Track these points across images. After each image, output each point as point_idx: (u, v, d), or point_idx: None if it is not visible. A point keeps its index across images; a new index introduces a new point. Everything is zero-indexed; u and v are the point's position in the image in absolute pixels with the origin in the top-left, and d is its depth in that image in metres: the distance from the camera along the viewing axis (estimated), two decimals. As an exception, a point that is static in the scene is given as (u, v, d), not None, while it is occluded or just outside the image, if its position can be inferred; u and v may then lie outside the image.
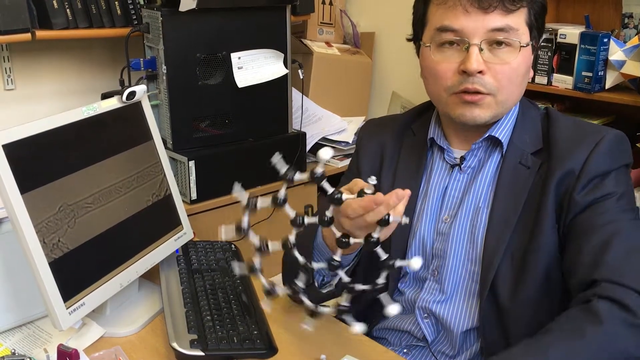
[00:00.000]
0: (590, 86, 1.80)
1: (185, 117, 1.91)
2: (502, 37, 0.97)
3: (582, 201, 0.96)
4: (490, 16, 0.96)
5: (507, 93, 1.00)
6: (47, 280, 0.95)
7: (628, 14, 1.88)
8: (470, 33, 0.97)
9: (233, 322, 1.06)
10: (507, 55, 0.98)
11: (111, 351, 1.02)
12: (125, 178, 1.13)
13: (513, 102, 1.04)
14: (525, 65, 1.01)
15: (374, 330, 1.16)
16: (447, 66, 1.00)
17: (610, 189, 0.97)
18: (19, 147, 0.94)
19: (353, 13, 2.71)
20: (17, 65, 2.12)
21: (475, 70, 0.97)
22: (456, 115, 1.02)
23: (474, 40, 0.97)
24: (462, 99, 1.00)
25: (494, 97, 1.00)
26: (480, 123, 1.02)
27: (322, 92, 2.50)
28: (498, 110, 1.01)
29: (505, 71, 0.98)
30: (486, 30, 0.97)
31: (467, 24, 0.97)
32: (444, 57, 1.01)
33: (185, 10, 1.80)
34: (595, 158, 0.97)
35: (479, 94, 0.99)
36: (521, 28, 0.99)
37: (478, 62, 0.97)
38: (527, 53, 1.01)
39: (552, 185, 0.98)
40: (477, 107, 1.00)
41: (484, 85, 0.98)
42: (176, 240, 1.24)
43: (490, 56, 0.98)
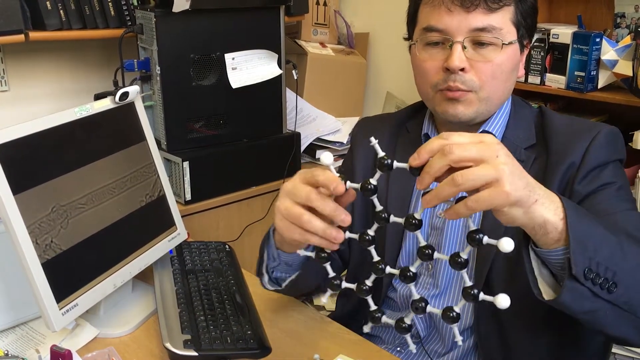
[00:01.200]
0: (583, 86, 1.81)
1: (180, 117, 1.91)
2: (485, 37, 0.98)
3: (582, 191, 0.97)
4: (472, 15, 0.97)
5: (490, 90, 1.01)
6: (39, 281, 0.95)
7: (620, 13, 1.89)
8: (454, 32, 0.98)
9: (227, 322, 1.06)
10: (490, 53, 0.99)
11: (105, 352, 1.02)
12: (119, 179, 1.13)
13: (499, 99, 1.04)
14: (510, 62, 1.01)
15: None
16: (432, 64, 1.02)
17: (609, 179, 0.98)
18: (12, 148, 0.94)
19: (347, 14, 2.71)
20: (11, 67, 2.11)
21: (458, 67, 0.98)
22: (441, 111, 1.04)
23: (457, 38, 0.98)
24: (446, 96, 1.01)
25: (475, 93, 1.00)
26: (464, 120, 1.03)
27: (317, 92, 2.50)
28: (481, 107, 1.02)
29: (488, 68, 0.99)
30: (469, 29, 0.98)
31: (451, 23, 0.98)
32: (430, 55, 1.02)
33: (179, 11, 1.80)
34: (593, 149, 0.99)
35: (459, 90, 1.00)
36: (505, 27, 0.99)
37: (460, 59, 0.98)
38: (512, 51, 1.01)
39: (556, 180, 0.99)
40: (460, 103, 1.01)
41: (464, 83, 0.99)
42: (170, 241, 1.24)
43: (473, 54, 0.99)
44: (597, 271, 0.76)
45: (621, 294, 0.78)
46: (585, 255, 0.76)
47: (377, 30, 2.67)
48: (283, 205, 0.83)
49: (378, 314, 0.81)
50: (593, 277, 0.76)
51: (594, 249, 0.76)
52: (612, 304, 0.79)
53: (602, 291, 0.77)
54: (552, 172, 0.99)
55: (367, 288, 0.80)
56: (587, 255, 0.76)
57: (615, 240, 0.80)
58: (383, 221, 0.77)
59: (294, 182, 0.83)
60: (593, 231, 0.78)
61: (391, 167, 0.74)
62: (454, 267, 0.74)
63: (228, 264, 1.28)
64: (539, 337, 1.01)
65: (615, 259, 0.78)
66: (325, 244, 0.80)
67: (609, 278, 0.77)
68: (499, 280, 1.00)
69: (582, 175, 0.98)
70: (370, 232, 0.78)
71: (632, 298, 0.80)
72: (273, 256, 1.01)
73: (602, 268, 0.77)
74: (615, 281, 0.77)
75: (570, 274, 0.76)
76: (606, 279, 0.77)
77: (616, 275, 0.77)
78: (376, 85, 2.71)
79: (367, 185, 0.76)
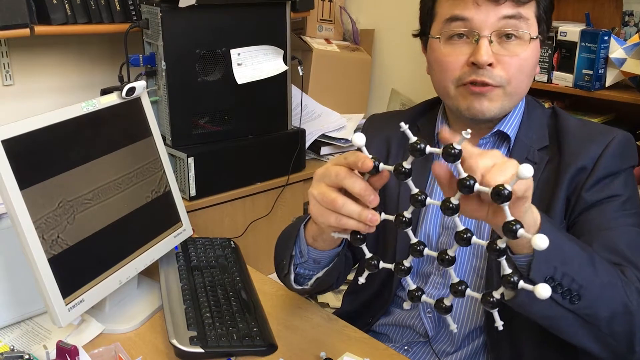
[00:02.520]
0: (591, 84, 1.80)
1: (185, 113, 1.91)
2: (512, 26, 0.97)
3: (589, 199, 0.96)
4: (501, 7, 0.96)
5: (516, 84, 1.00)
6: (46, 276, 0.95)
7: (629, 11, 1.87)
8: (481, 24, 0.97)
9: (233, 319, 1.06)
10: (517, 47, 0.98)
11: (110, 348, 1.02)
12: (125, 174, 1.13)
13: (521, 94, 1.03)
14: (534, 58, 1.01)
15: (376, 326, 1.16)
16: (456, 58, 1.00)
17: (618, 190, 0.97)
18: (18, 143, 0.93)
19: (353, 10, 2.70)
20: (16, 61, 2.11)
21: (486, 62, 0.96)
22: (465, 107, 1.01)
23: (483, 32, 0.97)
24: (471, 91, 0.99)
25: (503, 89, 0.99)
26: (489, 117, 1.01)
27: (322, 89, 2.49)
28: (506, 102, 1.01)
29: (515, 63, 0.98)
30: (497, 19, 0.96)
31: (478, 15, 0.97)
32: (453, 48, 1.00)
33: (185, 6, 1.79)
34: (606, 157, 0.98)
35: (487, 85, 0.98)
36: (531, 19, 0.99)
37: (488, 54, 0.96)
38: (536, 46, 1.01)
39: (565, 181, 0.98)
40: (486, 98, 0.99)
41: (492, 78, 0.98)
42: (175, 237, 1.23)
43: (499, 48, 0.98)
44: (560, 281, 0.79)
45: (585, 306, 0.81)
46: (550, 264, 0.78)
47: (383, 26, 2.66)
48: (317, 190, 0.81)
49: (418, 293, 0.79)
50: (554, 286, 0.79)
51: (561, 261, 0.79)
52: (574, 313, 0.82)
53: (564, 300, 0.80)
54: (564, 174, 0.99)
55: (405, 268, 0.79)
56: (551, 264, 0.78)
57: (587, 256, 0.83)
58: (419, 204, 0.75)
59: (325, 166, 0.82)
60: (563, 244, 0.81)
61: (424, 152, 0.72)
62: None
63: (233, 261, 1.28)
64: (549, 341, 1.00)
65: (584, 273, 0.81)
66: (362, 228, 0.79)
67: (574, 289, 0.80)
68: None
69: (591, 183, 0.97)
70: (406, 214, 0.76)
71: (597, 313, 0.83)
72: (302, 252, 0.99)
73: (568, 279, 0.80)
74: (580, 294, 0.80)
75: (528, 276, 0.79)
76: (569, 290, 0.80)
77: (582, 288, 0.80)
78: (381, 82, 2.70)
79: (400, 168, 0.74)
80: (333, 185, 0.79)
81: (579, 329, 0.84)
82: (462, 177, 0.70)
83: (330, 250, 0.97)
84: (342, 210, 0.79)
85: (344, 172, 0.78)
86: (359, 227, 0.79)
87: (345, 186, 0.78)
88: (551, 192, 0.99)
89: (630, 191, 0.99)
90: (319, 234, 0.93)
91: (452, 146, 0.70)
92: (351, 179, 0.78)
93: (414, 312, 1.10)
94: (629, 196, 0.98)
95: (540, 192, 1.00)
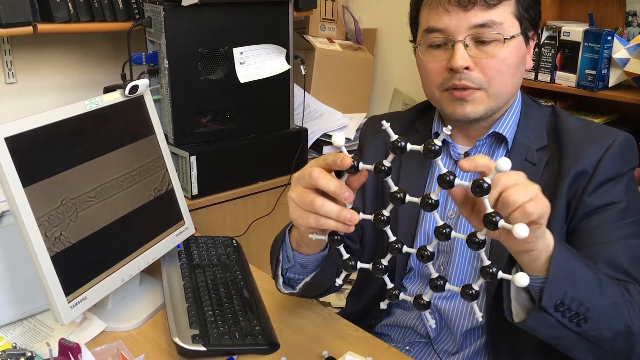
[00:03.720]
0: (594, 84, 1.80)
1: (187, 112, 1.91)
2: (486, 34, 0.97)
3: (591, 204, 0.96)
4: (470, 13, 0.96)
5: (498, 85, 1.00)
6: (48, 274, 0.95)
7: (632, 12, 1.87)
8: (454, 31, 0.97)
9: (235, 317, 1.06)
10: (493, 49, 0.98)
11: (113, 346, 1.01)
12: (127, 172, 1.13)
13: (508, 94, 1.03)
14: (515, 56, 1.00)
15: (377, 327, 1.16)
16: (435, 65, 1.01)
17: (619, 196, 0.97)
18: (22, 140, 0.93)
19: (355, 9, 2.70)
20: (19, 59, 2.11)
21: (461, 66, 0.97)
22: (450, 111, 1.03)
23: (458, 37, 0.97)
24: (453, 96, 1.00)
25: (484, 91, 0.99)
26: (474, 118, 1.01)
27: (324, 88, 2.49)
28: (491, 103, 1.01)
29: (493, 64, 0.98)
30: (468, 27, 0.97)
31: (450, 23, 0.97)
32: (433, 56, 1.01)
33: (188, 5, 1.79)
34: (607, 160, 0.97)
35: (468, 89, 0.99)
36: (506, 21, 0.98)
37: (463, 58, 0.97)
38: (516, 44, 0.99)
39: (565, 186, 0.98)
40: (468, 103, 1.00)
41: (471, 81, 0.98)
42: (178, 235, 1.23)
43: (476, 51, 0.98)
44: (569, 305, 0.80)
45: (591, 328, 0.82)
46: (561, 289, 0.80)
47: (385, 26, 2.65)
48: (294, 193, 0.82)
49: (395, 292, 0.81)
50: (563, 310, 0.80)
51: (572, 285, 0.80)
52: (580, 335, 0.83)
53: (571, 323, 0.81)
54: (564, 177, 0.98)
55: (383, 267, 0.79)
56: (562, 289, 0.80)
57: (596, 279, 0.84)
58: (398, 201, 0.75)
59: (302, 168, 0.82)
60: (574, 268, 0.82)
61: (404, 149, 0.73)
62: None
63: (235, 259, 1.27)
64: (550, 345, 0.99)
65: (591, 296, 0.82)
66: (342, 228, 0.79)
67: (581, 313, 0.81)
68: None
69: (593, 187, 0.97)
70: (385, 212, 0.77)
71: (601, 334, 0.84)
72: (288, 257, 1.00)
73: (576, 304, 0.81)
74: (587, 317, 0.81)
75: (539, 304, 0.80)
76: (577, 314, 0.81)
77: (589, 311, 0.81)
78: (383, 82, 2.70)
79: (380, 166, 0.75)
80: (309, 186, 0.80)
81: (582, 348, 0.85)
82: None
83: (316, 255, 0.97)
84: (321, 211, 0.79)
85: (317, 172, 0.79)
86: (338, 227, 0.79)
87: (319, 185, 0.78)
88: (551, 196, 0.98)
89: (631, 196, 0.98)
90: (301, 238, 0.94)
91: (432, 142, 0.72)
92: (325, 178, 0.78)
93: (415, 313, 1.10)
94: (629, 202, 0.98)
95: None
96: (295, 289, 1.03)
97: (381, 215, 0.77)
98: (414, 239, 1.09)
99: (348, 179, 0.79)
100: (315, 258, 0.98)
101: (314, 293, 1.07)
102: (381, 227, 0.78)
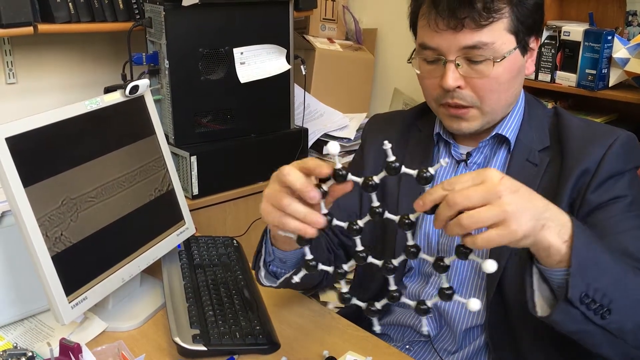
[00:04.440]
0: (594, 84, 1.80)
1: (188, 112, 1.91)
2: (475, 55, 0.96)
3: (595, 200, 0.96)
4: (460, 34, 0.95)
5: (491, 103, 1.00)
6: (49, 274, 0.95)
7: (632, 11, 1.87)
8: (445, 50, 0.97)
9: (235, 317, 1.06)
10: (485, 68, 0.97)
11: (114, 345, 1.02)
12: (128, 172, 1.13)
13: (502, 108, 1.03)
14: (508, 73, 0.99)
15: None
16: (431, 81, 1.02)
17: (624, 191, 0.97)
18: (23, 140, 0.94)
19: (355, 9, 2.70)
20: (19, 59, 2.11)
21: (452, 87, 0.97)
22: (447, 125, 1.05)
23: (449, 57, 0.97)
24: (449, 112, 1.02)
25: (478, 108, 1.00)
26: (471, 132, 1.03)
27: (324, 88, 2.49)
28: (486, 119, 1.02)
29: (484, 84, 0.98)
30: (458, 48, 0.96)
31: (441, 42, 0.97)
32: (427, 71, 1.02)
33: (189, 5, 1.79)
34: (610, 157, 0.97)
35: (462, 107, 1.00)
36: (498, 40, 0.96)
37: (454, 78, 0.97)
38: (509, 61, 0.98)
39: (569, 185, 0.97)
40: (463, 120, 1.02)
41: (463, 99, 0.99)
42: (178, 235, 1.24)
43: (468, 70, 0.98)
44: (593, 297, 0.78)
45: (614, 320, 0.80)
46: (585, 280, 0.77)
47: (386, 26, 2.65)
48: (268, 189, 0.83)
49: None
50: (588, 302, 0.78)
51: (594, 276, 0.77)
52: (604, 329, 0.80)
53: (596, 316, 0.79)
54: (566, 177, 0.98)
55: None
56: (586, 280, 0.77)
57: (619, 269, 0.81)
58: (377, 216, 0.78)
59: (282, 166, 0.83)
60: (597, 257, 0.79)
61: (398, 171, 0.75)
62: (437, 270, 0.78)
63: (236, 259, 1.28)
64: (550, 340, 1.00)
65: (615, 287, 0.79)
66: (303, 230, 0.79)
67: (605, 304, 0.79)
68: (511, 283, 0.99)
69: (596, 184, 0.96)
70: (360, 222, 0.79)
71: (624, 326, 0.81)
72: (269, 251, 1.01)
73: (600, 295, 0.78)
74: (611, 308, 0.79)
75: (566, 297, 0.77)
76: (601, 305, 0.78)
77: (612, 302, 0.79)
78: (384, 82, 2.70)
79: (368, 181, 0.77)
80: (282, 184, 0.81)
81: (605, 343, 0.83)
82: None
83: (294, 251, 0.97)
84: (288, 210, 0.79)
85: (289, 169, 0.79)
86: (300, 228, 0.79)
87: (287, 182, 0.79)
88: (553, 195, 0.98)
89: (635, 191, 0.98)
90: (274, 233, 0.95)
91: (425, 170, 0.74)
92: (293, 175, 0.79)
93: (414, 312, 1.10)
94: (635, 197, 0.97)
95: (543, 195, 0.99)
96: (276, 284, 1.03)
97: (355, 224, 0.79)
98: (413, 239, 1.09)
99: (332, 186, 0.80)
100: (294, 254, 0.98)
101: (300, 289, 1.08)
102: (353, 236, 0.80)
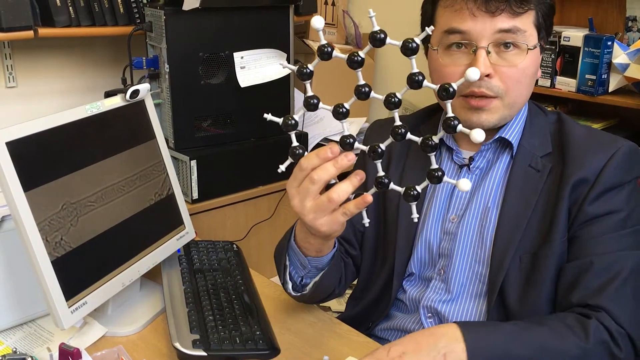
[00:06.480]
0: (594, 89, 1.80)
1: (188, 116, 1.91)
2: (509, 38, 0.97)
3: (591, 212, 0.96)
4: (497, 19, 0.96)
5: (515, 95, 1.00)
6: (49, 278, 0.94)
7: (632, 17, 1.88)
8: (478, 36, 0.97)
9: (235, 322, 1.06)
10: (515, 57, 0.98)
11: (114, 350, 1.01)
12: (128, 177, 1.13)
13: (521, 104, 1.03)
14: (533, 66, 1.00)
15: (376, 331, 1.15)
16: (454, 69, 0.99)
17: (620, 205, 0.97)
18: (23, 145, 0.93)
19: (355, 14, 2.71)
20: (19, 63, 2.11)
21: (484, 73, 0.96)
22: (463, 119, 1.01)
23: (481, 44, 0.96)
24: (469, 104, 1.00)
25: (501, 99, 0.99)
26: (488, 127, 1.01)
27: (324, 92, 2.48)
28: (505, 112, 1.01)
29: (513, 74, 0.98)
30: (493, 32, 0.96)
31: (475, 27, 0.96)
32: (452, 60, 1.00)
33: (189, 9, 1.79)
34: (610, 169, 0.97)
35: (485, 98, 0.99)
36: (529, 30, 0.98)
37: (486, 65, 0.96)
38: (535, 55, 1.00)
39: (567, 192, 0.97)
40: (484, 112, 1.00)
41: (490, 89, 0.98)
42: (178, 240, 1.23)
43: (497, 59, 0.98)
44: None
45: None
46: None
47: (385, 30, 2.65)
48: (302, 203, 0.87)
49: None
50: None
51: None
52: None
53: None
54: (565, 185, 0.98)
55: (415, 193, 0.81)
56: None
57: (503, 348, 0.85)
58: (382, 186, 0.81)
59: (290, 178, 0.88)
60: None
61: (404, 136, 0.78)
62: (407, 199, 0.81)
63: (236, 264, 1.27)
64: None
65: None
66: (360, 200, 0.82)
67: None
68: (513, 290, 0.99)
69: (594, 196, 0.96)
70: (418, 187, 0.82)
71: None
72: (302, 264, 1.01)
73: None
74: None
75: None
76: None
77: None
78: (383, 86, 2.70)
79: (375, 147, 0.80)
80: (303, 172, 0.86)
81: None
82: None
83: (328, 255, 1.00)
84: (340, 198, 0.83)
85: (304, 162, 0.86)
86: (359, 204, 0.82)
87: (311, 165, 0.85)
88: (554, 202, 0.99)
89: (632, 206, 0.98)
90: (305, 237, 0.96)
91: (429, 137, 0.78)
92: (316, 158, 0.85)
93: (414, 317, 1.10)
94: (631, 211, 0.97)
95: (544, 202, 1.00)
96: (306, 290, 1.05)
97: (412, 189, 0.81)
98: (413, 244, 1.09)
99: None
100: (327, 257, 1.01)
101: (323, 294, 1.09)
102: (410, 202, 0.82)
